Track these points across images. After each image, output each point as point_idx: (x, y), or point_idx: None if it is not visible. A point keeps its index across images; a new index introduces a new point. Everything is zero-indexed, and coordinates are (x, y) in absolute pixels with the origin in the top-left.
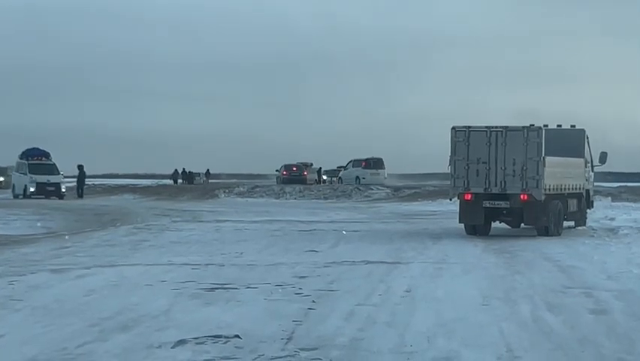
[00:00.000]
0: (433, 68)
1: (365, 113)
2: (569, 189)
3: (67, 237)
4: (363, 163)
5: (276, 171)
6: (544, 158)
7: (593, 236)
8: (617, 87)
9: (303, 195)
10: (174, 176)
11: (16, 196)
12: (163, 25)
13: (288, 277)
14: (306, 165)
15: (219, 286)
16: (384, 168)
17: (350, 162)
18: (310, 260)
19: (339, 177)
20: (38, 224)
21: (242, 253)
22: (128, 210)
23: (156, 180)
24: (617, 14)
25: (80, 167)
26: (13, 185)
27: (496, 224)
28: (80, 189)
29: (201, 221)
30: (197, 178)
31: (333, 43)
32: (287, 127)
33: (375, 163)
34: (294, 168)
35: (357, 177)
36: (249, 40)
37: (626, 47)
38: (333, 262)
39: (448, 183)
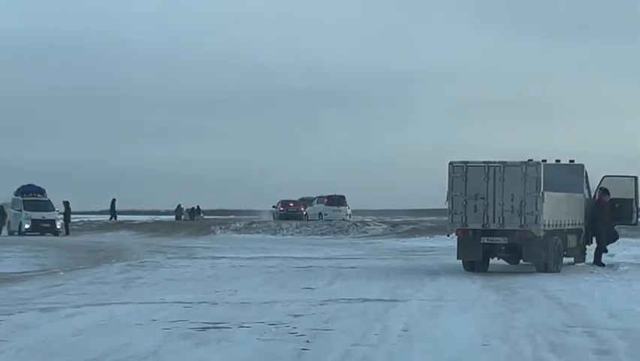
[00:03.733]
0: (424, 104)
1: (356, 149)
2: (568, 224)
3: (61, 273)
4: (326, 200)
5: (273, 207)
6: (543, 193)
7: (593, 273)
8: (608, 122)
9: (300, 232)
10: (177, 212)
11: (11, 233)
12: (153, 62)
13: (283, 315)
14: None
15: (211, 325)
16: (345, 205)
17: (315, 198)
18: (305, 298)
19: (306, 213)
20: (35, 261)
21: (236, 291)
22: (123, 246)
23: (152, 216)
24: (612, 50)
25: (66, 203)
26: (8, 222)
27: (494, 260)
28: (66, 226)
29: (196, 258)
30: (197, 216)
31: (319, 80)
32: (276, 163)
33: (337, 200)
34: (291, 204)
35: (320, 213)
36: (236, 77)
37: (618, 82)
38: (329, 300)
39: (446, 218)
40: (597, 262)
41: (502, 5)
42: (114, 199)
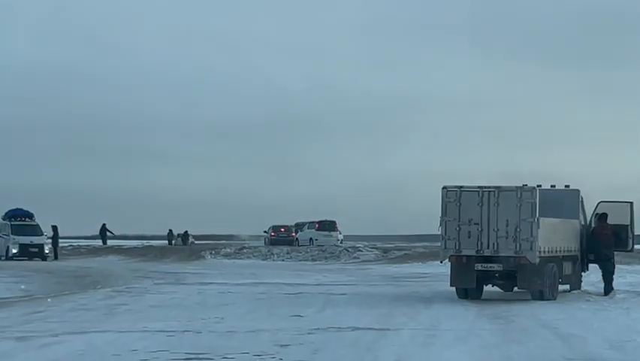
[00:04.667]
0: (421, 128)
1: (353, 174)
2: (563, 251)
3: (49, 299)
4: (317, 225)
5: (264, 232)
6: (538, 219)
7: (589, 301)
8: (605, 148)
9: (291, 257)
10: (169, 237)
11: None
12: (150, 87)
13: (269, 345)
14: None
15: (193, 356)
16: (336, 230)
17: (306, 223)
18: (294, 326)
19: (297, 238)
20: (22, 286)
21: (223, 318)
22: (111, 271)
23: (142, 241)
24: (611, 77)
25: (54, 227)
26: None
27: (488, 287)
28: (55, 251)
29: (184, 284)
30: (190, 240)
31: (320, 104)
32: (274, 188)
33: (328, 225)
34: (282, 230)
35: (311, 239)
36: (238, 101)
37: (616, 108)
38: (318, 329)
39: (439, 244)
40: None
41: (505, 33)
42: (104, 224)
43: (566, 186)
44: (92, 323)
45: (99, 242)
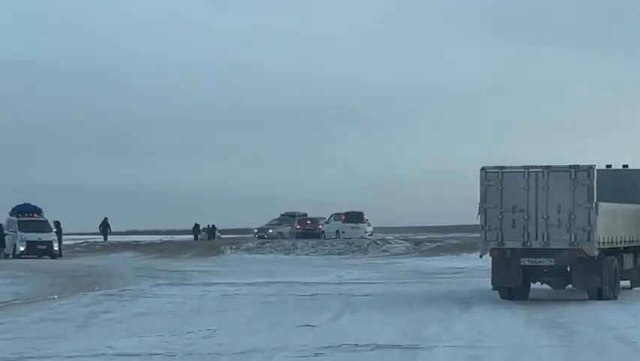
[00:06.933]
0: (445, 120)
1: (378, 166)
2: (624, 241)
3: (56, 296)
4: (343, 217)
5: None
6: (596, 204)
7: None
8: (621, 138)
9: (316, 251)
10: (195, 231)
11: (5, 256)
12: (163, 81)
13: None
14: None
15: None
16: (364, 222)
17: (332, 215)
18: (298, 343)
19: (323, 231)
20: (11, 289)
21: (215, 331)
22: (115, 271)
23: (162, 236)
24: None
25: (57, 223)
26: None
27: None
28: (58, 248)
29: (187, 284)
30: (216, 234)
31: (327, 98)
32: (292, 182)
33: (355, 217)
34: (308, 222)
35: (337, 231)
36: (248, 95)
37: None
38: (329, 347)
39: (477, 235)
40: None
41: (517, 19)
42: (106, 218)
43: (624, 166)
44: (49, 341)
45: (109, 238)
